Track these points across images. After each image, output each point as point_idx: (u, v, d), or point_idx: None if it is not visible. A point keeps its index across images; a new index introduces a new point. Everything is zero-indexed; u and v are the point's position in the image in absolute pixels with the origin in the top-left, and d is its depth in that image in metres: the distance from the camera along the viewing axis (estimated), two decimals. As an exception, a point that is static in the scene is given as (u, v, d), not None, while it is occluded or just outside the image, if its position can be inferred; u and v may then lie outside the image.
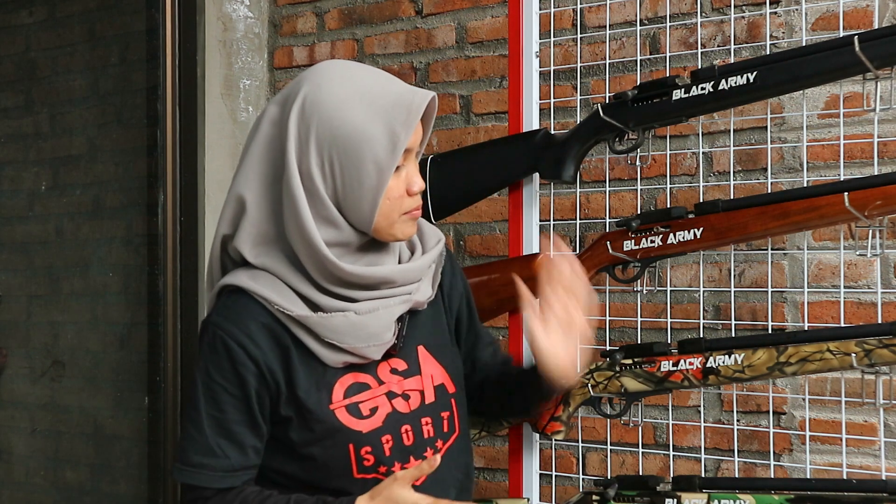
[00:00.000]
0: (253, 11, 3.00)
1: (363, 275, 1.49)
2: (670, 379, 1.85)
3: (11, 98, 3.25)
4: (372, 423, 1.52)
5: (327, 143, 1.44)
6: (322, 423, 1.50)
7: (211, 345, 1.50)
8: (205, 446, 1.50)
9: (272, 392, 1.50)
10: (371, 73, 1.50)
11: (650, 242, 1.89)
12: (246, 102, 2.97)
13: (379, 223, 1.48)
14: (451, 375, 1.63)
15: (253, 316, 1.49)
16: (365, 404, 1.53)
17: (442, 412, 1.59)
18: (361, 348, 1.50)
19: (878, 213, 1.69)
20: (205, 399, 1.50)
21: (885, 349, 1.67)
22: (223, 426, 1.50)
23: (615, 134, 1.96)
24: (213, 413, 1.50)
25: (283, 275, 1.50)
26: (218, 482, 1.50)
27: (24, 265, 3.19)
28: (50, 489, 3.14)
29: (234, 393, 1.49)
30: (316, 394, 1.50)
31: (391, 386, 1.55)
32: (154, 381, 2.93)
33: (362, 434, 1.51)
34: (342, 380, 1.52)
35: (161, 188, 2.89)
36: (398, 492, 1.44)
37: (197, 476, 1.50)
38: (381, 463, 1.52)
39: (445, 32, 2.69)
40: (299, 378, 1.50)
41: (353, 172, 1.45)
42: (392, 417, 1.53)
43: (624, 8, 2.36)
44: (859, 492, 1.71)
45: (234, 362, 1.48)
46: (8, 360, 3.18)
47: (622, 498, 1.88)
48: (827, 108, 2.13)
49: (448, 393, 1.61)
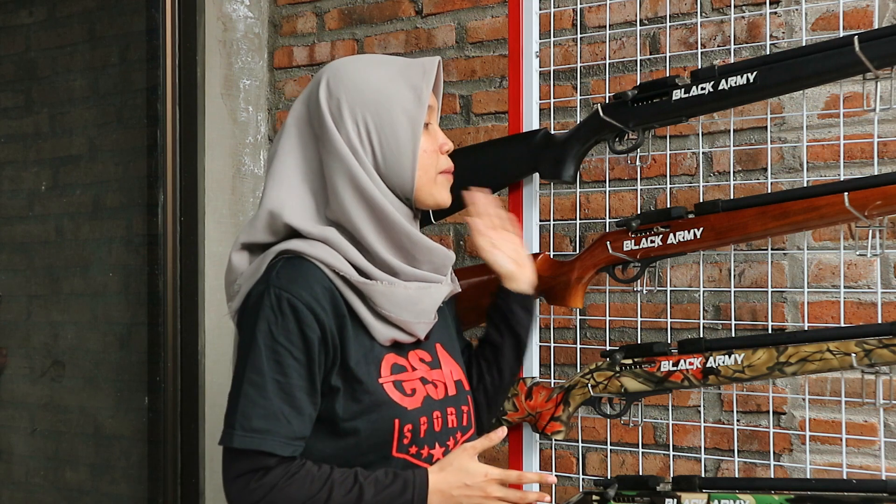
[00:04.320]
0: (253, 11, 3.00)
1: (421, 242, 1.55)
2: (670, 379, 1.85)
3: (11, 98, 3.25)
4: (413, 402, 1.54)
5: (359, 107, 1.52)
6: (371, 395, 1.50)
7: (276, 308, 1.46)
8: (269, 411, 1.45)
9: (330, 358, 1.49)
10: (379, 54, 1.63)
11: (650, 242, 1.89)
12: (246, 102, 2.97)
13: (420, 180, 1.54)
14: (465, 374, 1.68)
15: (317, 279, 1.49)
16: (407, 384, 1.55)
17: (462, 405, 1.63)
18: (412, 323, 1.54)
19: (878, 213, 1.69)
20: (268, 362, 1.46)
21: (885, 349, 1.67)
22: (286, 391, 1.46)
23: (615, 134, 1.96)
24: (277, 377, 1.46)
25: (338, 246, 1.51)
26: (282, 448, 1.46)
27: (24, 265, 3.19)
28: (50, 489, 3.14)
29: (298, 357, 1.47)
30: (365, 366, 1.51)
31: (422, 373, 1.59)
32: (154, 381, 2.93)
33: (407, 410, 1.52)
34: (387, 357, 1.55)
35: (161, 188, 2.89)
36: (468, 463, 1.48)
37: (262, 441, 1.45)
38: (415, 443, 1.53)
39: (445, 32, 2.69)
40: (351, 348, 1.50)
41: (387, 129, 1.52)
42: (427, 401, 1.56)
43: (624, 8, 2.36)
44: (859, 492, 1.71)
45: (302, 324, 1.46)
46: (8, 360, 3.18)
47: (622, 498, 1.88)
48: (827, 108, 2.13)
49: (465, 389, 1.67)
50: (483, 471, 1.48)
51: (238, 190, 2.94)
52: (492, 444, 1.51)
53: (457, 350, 1.71)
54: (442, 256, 1.58)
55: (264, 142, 3.01)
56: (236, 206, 2.93)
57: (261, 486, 1.46)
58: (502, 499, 1.49)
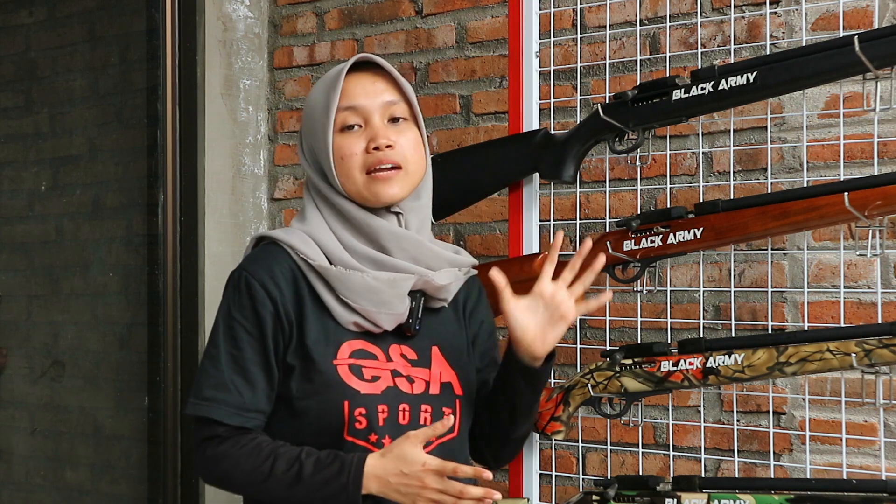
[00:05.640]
0: (253, 11, 3.00)
1: (382, 227, 1.58)
2: (670, 379, 1.85)
3: (11, 98, 3.25)
4: (371, 388, 1.55)
5: (304, 119, 1.67)
6: (322, 375, 1.53)
7: (235, 286, 1.57)
8: (219, 381, 1.54)
9: (285, 335, 1.55)
10: None
11: (650, 242, 1.89)
12: (246, 102, 2.97)
13: (345, 184, 1.59)
14: (460, 380, 1.65)
15: (277, 261, 1.58)
16: (368, 370, 1.56)
17: (444, 407, 1.61)
18: (373, 313, 1.55)
19: (878, 213, 1.69)
20: (224, 336, 1.55)
21: (885, 349, 1.67)
22: (239, 364, 1.54)
23: (615, 134, 1.96)
24: (230, 350, 1.55)
25: (315, 234, 1.59)
26: (229, 418, 1.53)
27: (24, 265, 3.19)
28: (50, 489, 3.14)
29: (251, 332, 1.54)
30: (323, 347, 1.55)
31: (398, 366, 1.59)
32: (154, 381, 2.93)
33: (359, 393, 1.53)
34: (351, 342, 1.57)
35: (161, 188, 2.89)
36: (409, 450, 1.46)
37: (209, 409, 1.53)
38: (373, 430, 1.53)
39: (445, 32, 2.69)
40: (310, 328, 1.55)
41: (312, 140, 1.63)
42: (392, 391, 1.57)
43: (624, 8, 2.36)
44: (859, 492, 1.71)
45: (255, 300, 1.54)
46: (8, 360, 3.18)
47: (622, 498, 1.88)
48: (827, 108, 2.13)
49: (454, 393, 1.64)
50: (421, 460, 1.45)
51: (238, 190, 2.94)
52: (435, 434, 1.48)
53: (460, 356, 1.68)
54: (414, 243, 1.59)
55: (264, 142, 3.01)
56: (236, 206, 2.93)
57: (214, 455, 1.54)
58: (442, 490, 1.45)
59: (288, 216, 2.96)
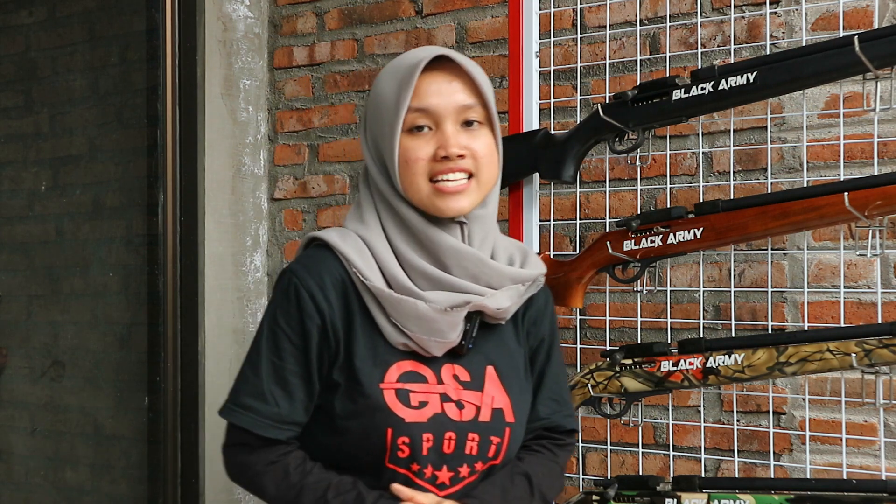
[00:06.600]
0: (253, 11, 3.00)
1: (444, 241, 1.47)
2: (670, 379, 1.85)
3: (11, 98, 3.25)
4: (417, 416, 1.46)
5: (368, 113, 1.54)
6: (367, 399, 1.45)
7: (284, 292, 1.49)
8: (258, 390, 1.48)
9: (331, 351, 1.48)
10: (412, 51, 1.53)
11: (650, 242, 1.89)
12: (246, 102, 2.97)
13: (407, 190, 1.48)
14: (513, 405, 1.54)
15: (330, 271, 1.48)
16: (416, 395, 1.47)
17: (492, 436, 1.51)
18: (424, 340, 1.46)
19: (878, 213, 1.70)
20: (266, 343, 1.49)
21: (885, 349, 1.67)
22: (279, 373, 1.48)
23: (615, 134, 1.96)
24: (272, 359, 1.48)
25: (371, 242, 1.50)
26: (263, 429, 1.47)
27: (24, 265, 3.19)
28: (50, 489, 3.14)
29: (295, 343, 1.47)
30: (371, 368, 1.47)
31: (448, 390, 1.49)
32: (154, 381, 2.93)
33: (403, 421, 1.45)
34: (401, 364, 1.48)
35: (161, 188, 2.89)
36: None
37: (243, 417, 1.48)
38: (416, 460, 1.46)
39: (445, 32, 2.69)
40: (358, 346, 1.47)
41: (378, 137, 1.51)
42: (439, 419, 1.47)
43: (624, 8, 2.36)
44: (859, 492, 1.71)
45: (302, 312, 1.47)
46: (8, 360, 3.18)
47: (622, 498, 1.88)
48: (827, 108, 2.13)
49: (504, 420, 1.52)
50: None
51: (238, 190, 2.94)
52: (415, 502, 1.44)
53: (517, 378, 1.56)
54: (474, 261, 1.47)
55: (264, 142, 3.01)
56: (236, 206, 2.93)
57: (243, 463, 1.50)
58: None
59: (288, 216, 2.96)
